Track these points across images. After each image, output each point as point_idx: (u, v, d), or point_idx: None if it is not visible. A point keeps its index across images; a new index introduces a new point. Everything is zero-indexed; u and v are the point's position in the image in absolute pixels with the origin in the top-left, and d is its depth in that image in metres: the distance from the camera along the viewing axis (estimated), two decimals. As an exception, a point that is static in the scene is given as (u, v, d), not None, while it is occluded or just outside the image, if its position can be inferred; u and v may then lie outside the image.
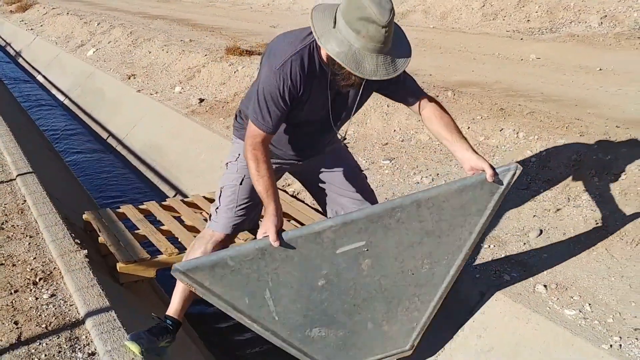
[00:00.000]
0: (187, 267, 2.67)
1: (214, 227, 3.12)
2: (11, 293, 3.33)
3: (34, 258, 3.71)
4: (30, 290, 3.36)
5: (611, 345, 2.72)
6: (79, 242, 3.86)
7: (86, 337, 2.95)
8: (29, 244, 3.90)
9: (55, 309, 3.19)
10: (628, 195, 3.83)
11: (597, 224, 3.66)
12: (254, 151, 2.73)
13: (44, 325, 3.03)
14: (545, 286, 3.19)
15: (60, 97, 11.93)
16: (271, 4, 19.32)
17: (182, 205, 4.78)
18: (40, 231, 4.05)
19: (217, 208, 3.12)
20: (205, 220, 4.35)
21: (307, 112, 2.80)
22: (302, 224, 4.32)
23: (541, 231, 3.73)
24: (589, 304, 3.02)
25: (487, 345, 3.10)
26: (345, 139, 3.10)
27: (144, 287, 4.09)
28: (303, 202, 4.79)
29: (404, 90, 2.88)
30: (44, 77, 13.77)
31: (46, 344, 2.90)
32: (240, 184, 3.08)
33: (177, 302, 3.07)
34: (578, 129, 4.75)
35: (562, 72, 7.54)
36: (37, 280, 3.46)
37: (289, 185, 5.17)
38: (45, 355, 2.82)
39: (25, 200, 4.55)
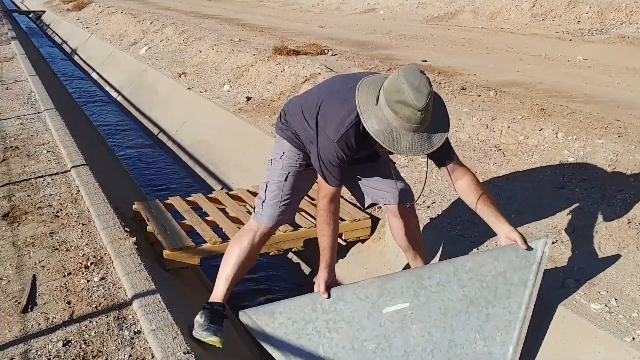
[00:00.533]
0: (252, 312, 3.07)
1: (260, 219, 3.33)
2: (65, 275, 3.55)
3: (86, 244, 3.93)
4: (82, 273, 3.58)
5: (634, 338, 2.78)
6: (128, 230, 4.06)
7: (133, 317, 3.14)
8: (82, 231, 4.12)
9: (105, 291, 3.39)
10: (663, 195, 3.87)
11: (629, 222, 3.70)
12: (321, 211, 3.07)
13: (94, 306, 3.24)
14: (573, 281, 3.26)
15: (113, 94, 12.28)
16: (320, 3, 19.48)
17: (227, 197, 4.95)
18: (92, 219, 4.27)
19: (263, 202, 3.32)
20: (249, 212, 4.54)
21: (355, 155, 3.03)
22: (340, 219, 4.43)
23: (574, 229, 3.79)
24: (615, 299, 3.07)
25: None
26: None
27: (188, 274, 4.27)
28: (342, 197, 4.91)
29: (439, 152, 2.95)
30: (98, 74, 14.17)
31: (96, 322, 3.10)
32: (285, 180, 3.29)
33: (222, 287, 3.29)
34: (617, 130, 4.78)
35: (608, 73, 7.51)
36: (89, 264, 3.67)
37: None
38: (95, 332, 3.01)
39: (78, 191, 4.79)
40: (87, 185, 4.84)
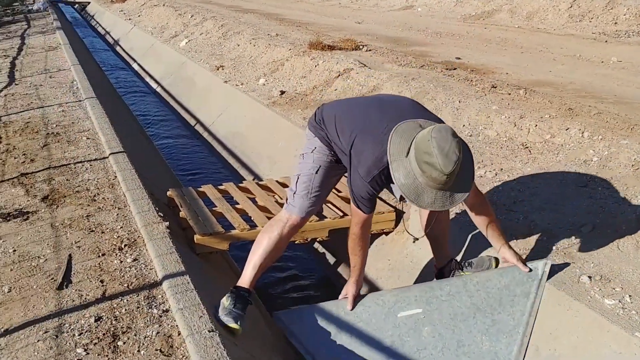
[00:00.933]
0: (283, 313, 3.60)
1: (291, 210, 3.48)
2: (99, 256, 3.73)
3: (121, 227, 4.11)
4: (116, 254, 3.75)
5: (644, 334, 2.86)
6: (162, 215, 4.22)
7: (162, 296, 3.29)
8: (117, 214, 4.31)
9: (137, 271, 3.55)
10: (685, 197, 3.90)
11: (649, 222, 3.76)
12: (353, 235, 3.33)
13: (125, 285, 3.40)
14: (589, 277, 3.32)
15: (153, 85, 12.52)
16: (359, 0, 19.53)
17: (257, 187, 5.09)
18: (128, 204, 4.45)
19: (294, 193, 3.47)
20: (277, 202, 4.68)
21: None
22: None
23: (594, 227, 3.84)
24: (630, 296, 3.13)
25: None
26: None
27: (217, 259, 4.40)
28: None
29: None
30: (139, 65, 14.43)
31: (127, 300, 3.26)
32: (316, 173, 3.43)
33: (249, 273, 3.45)
34: (643, 131, 4.82)
35: (641, 75, 7.50)
36: (123, 246, 3.85)
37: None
38: (126, 309, 3.18)
39: (115, 176, 4.99)
40: (124, 171, 5.03)
